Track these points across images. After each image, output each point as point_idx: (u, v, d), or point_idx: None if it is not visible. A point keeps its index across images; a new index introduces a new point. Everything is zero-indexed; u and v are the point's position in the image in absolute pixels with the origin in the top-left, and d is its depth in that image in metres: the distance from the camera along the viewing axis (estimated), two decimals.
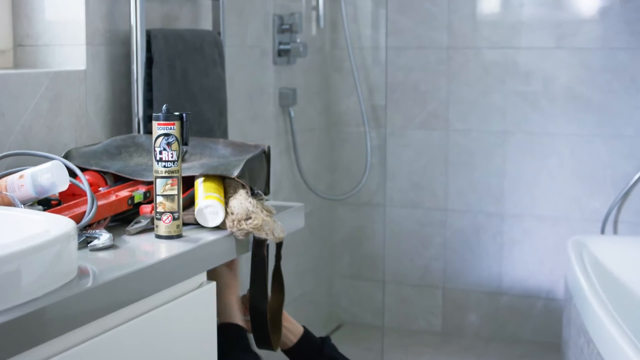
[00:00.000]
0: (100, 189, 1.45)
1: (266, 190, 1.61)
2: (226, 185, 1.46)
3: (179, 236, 1.33)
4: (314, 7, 2.96)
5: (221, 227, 1.39)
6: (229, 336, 1.63)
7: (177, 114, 1.34)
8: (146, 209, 1.39)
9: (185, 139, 1.34)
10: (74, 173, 1.37)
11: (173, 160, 1.32)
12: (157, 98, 1.83)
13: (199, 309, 1.35)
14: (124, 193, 1.42)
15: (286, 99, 2.74)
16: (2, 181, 1.33)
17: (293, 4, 2.79)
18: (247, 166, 1.49)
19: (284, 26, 2.66)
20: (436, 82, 3.04)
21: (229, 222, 1.38)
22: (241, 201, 1.39)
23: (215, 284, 1.39)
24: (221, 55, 2.06)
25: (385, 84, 2.97)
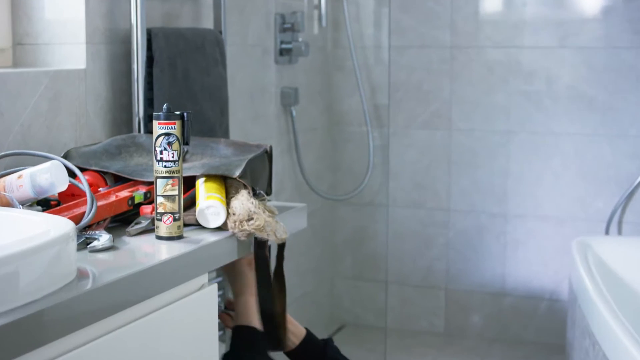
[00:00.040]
0: (100, 189, 1.45)
1: (268, 190, 1.61)
2: (228, 186, 1.45)
3: (179, 237, 1.32)
4: (316, 6, 2.96)
5: (223, 228, 1.39)
6: (246, 339, 1.62)
7: (178, 113, 1.33)
8: (146, 209, 1.38)
9: (186, 139, 1.34)
10: (74, 173, 1.36)
11: (174, 160, 1.32)
12: (158, 97, 1.82)
13: (200, 311, 1.35)
14: (124, 193, 1.41)
15: (288, 98, 2.73)
16: (0, 181, 1.33)
17: (295, 3, 2.79)
18: (249, 166, 1.48)
19: (285, 25, 2.66)
20: (439, 82, 3.04)
21: (230, 223, 1.37)
22: (243, 202, 1.38)
23: (216, 286, 1.38)
24: (222, 54, 2.06)
25: (388, 83, 2.96)
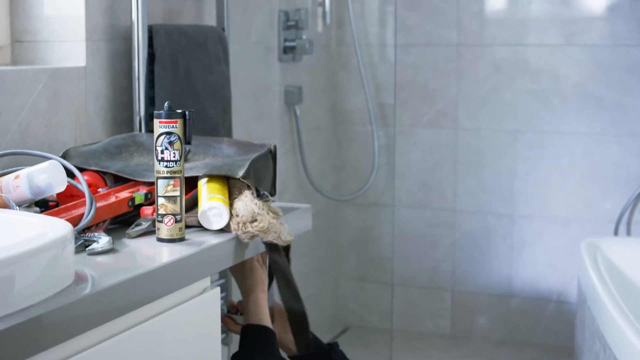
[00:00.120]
0: (100, 189, 1.44)
1: (272, 191, 1.60)
2: (231, 186, 1.44)
3: (181, 239, 1.31)
4: (320, 3, 2.97)
5: (225, 229, 1.37)
6: (258, 339, 1.60)
7: (180, 111, 1.32)
8: (147, 210, 1.37)
9: (188, 138, 1.32)
10: (72, 173, 1.35)
11: (175, 160, 1.30)
12: (159, 95, 1.81)
13: (203, 315, 1.33)
14: (124, 194, 1.40)
15: (292, 97, 2.73)
16: None
17: (299, 0, 2.79)
18: (253, 166, 1.47)
19: (289, 22, 2.65)
20: (445, 80, 3.03)
21: (233, 225, 1.35)
22: (246, 203, 1.37)
23: (219, 289, 1.37)
24: (225, 52, 2.06)
25: (394, 82, 2.96)
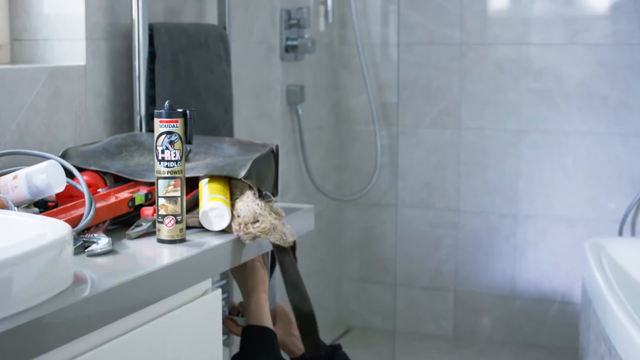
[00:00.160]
0: (99, 190, 1.43)
1: (274, 191, 1.59)
2: (232, 187, 1.42)
3: (182, 240, 1.29)
4: (323, 2, 2.96)
5: (227, 230, 1.36)
6: (259, 340, 1.59)
7: (181, 110, 1.30)
8: (147, 211, 1.35)
9: (189, 138, 1.31)
10: (72, 173, 1.34)
11: (176, 160, 1.28)
12: (160, 95, 1.80)
13: (204, 317, 1.32)
14: (124, 194, 1.38)
15: (294, 96, 2.72)
16: None
17: None
18: (255, 166, 1.45)
19: (291, 21, 2.65)
20: (448, 79, 3.02)
21: (235, 226, 1.34)
22: (248, 203, 1.35)
23: (220, 291, 1.35)
24: (227, 51, 2.04)
25: (397, 81, 2.94)
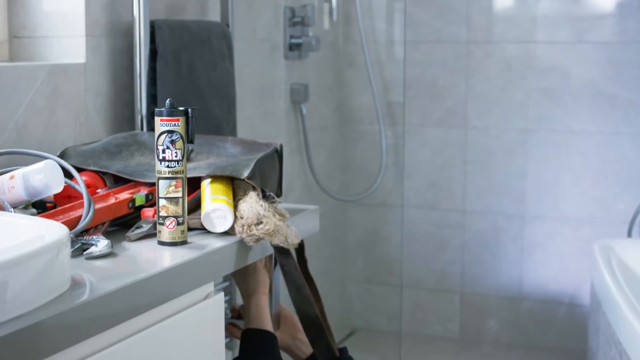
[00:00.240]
0: (99, 190, 1.41)
1: (278, 192, 1.57)
2: (235, 187, 1.41)
3: (183, 242, 1.27)
4: (327, 0, 2.93)
5: (230, 232, 1.34)
6: (259, 344, 1.57)
7: (182, 109, 1.28)
8: (148, 212, 1.33)
9: (191, 137, 1.28)
10: (70, 173, 1.32)
11: (177, 159, 1.26)
12: (162, 93, 1.79)
13: (206, 322, 1.29)
14: (124, 195, 1.37)
15: (298, 95, 2.71)
16: None
17: None
18: (258, 166, 1.44)
19: (295, 19, 2.64)
20: (454, 78, 3.01)
21: (238, 227, 1.32)
22: (252, 204, 1.34)
23: (222, 295, 1.33)
24: (230, 49, 2.03)
25: (403, 79, 2.93)
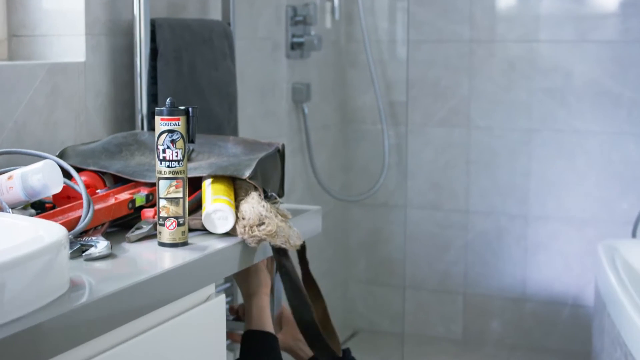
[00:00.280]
0: (98, 191, 1.40)
1: (280, 192, 1.56)
2: (237, 187, 1.40)
3: (184, 244, 1.26)
4: None
5: (231, 233, 1.33)
6: (260, 345, 1.55)
7: (183, 108, 1.27)
8: (148, 213, 1.32)
9: (192, 136, 1.27)
10: (69, 174, 1.31)
11: (178, 159, 1.25)
12: (162, 92, 1.77)
13: (207, 324, 1.28)
14: (124, 196, 1.35)
15: (299, 94, 2.70)
16: None
17: None
18: (260, 166, 1.43)
19: (297, 18, 2.63)
20: (457, 77, 3.00)
21: (239, 228, 1.31)
22: (253, 205, 1.32)
23: (224, 297, 1.32)
24: (231, 48, 2.02)
25: (406, 79, 2.92)
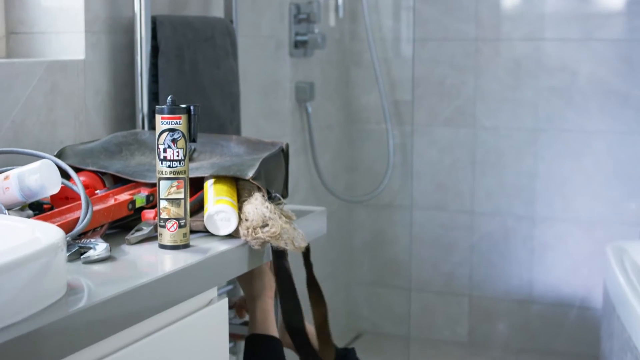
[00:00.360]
0: (97, 191, 1.38)
1: (284, 193, 1.55)
2: (240, 188, 1.38)
3: (185, 246, 1.24)
4: None
5: (234, 235, 1.30)
6: (264, 350, 1.54)
7: (184, 106, 1.24)
8: (149, 214, 1.30)
9: (193, 135, 1.25)
10: (68, 174, 1.28)
11: (179, 159, 1.23)
12: (163, 91, 1.76)
13: (209, 329, 1.26)
14: (124, 196, 1.33)
15: (303, 93, 2.69)
16: None
17: None
18: (263, 166, 1.41)
19: (301, 16, 2.62)
20: (463, 77, 2.99)
21: (243, 230, 1.29)
22: (257, 206, 1.30)
23: (227, 300, 1.30)
24: (234, 46, 2.01)
25: (411, 78, 2.91)
